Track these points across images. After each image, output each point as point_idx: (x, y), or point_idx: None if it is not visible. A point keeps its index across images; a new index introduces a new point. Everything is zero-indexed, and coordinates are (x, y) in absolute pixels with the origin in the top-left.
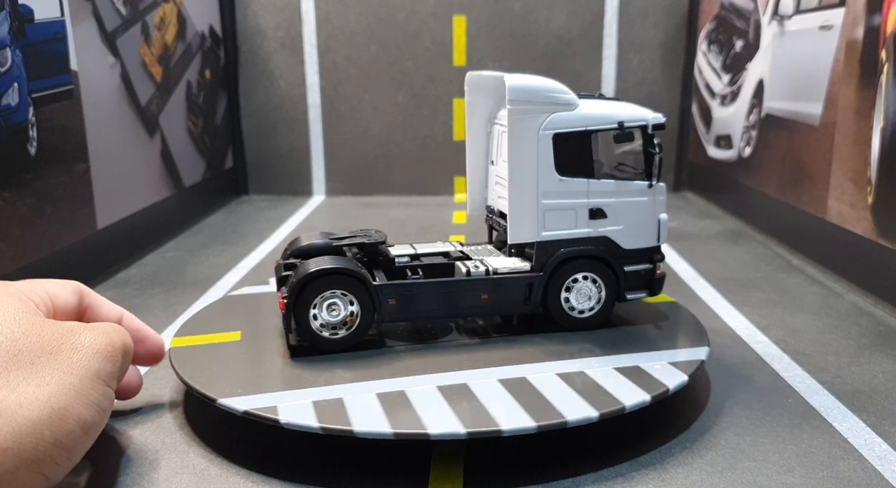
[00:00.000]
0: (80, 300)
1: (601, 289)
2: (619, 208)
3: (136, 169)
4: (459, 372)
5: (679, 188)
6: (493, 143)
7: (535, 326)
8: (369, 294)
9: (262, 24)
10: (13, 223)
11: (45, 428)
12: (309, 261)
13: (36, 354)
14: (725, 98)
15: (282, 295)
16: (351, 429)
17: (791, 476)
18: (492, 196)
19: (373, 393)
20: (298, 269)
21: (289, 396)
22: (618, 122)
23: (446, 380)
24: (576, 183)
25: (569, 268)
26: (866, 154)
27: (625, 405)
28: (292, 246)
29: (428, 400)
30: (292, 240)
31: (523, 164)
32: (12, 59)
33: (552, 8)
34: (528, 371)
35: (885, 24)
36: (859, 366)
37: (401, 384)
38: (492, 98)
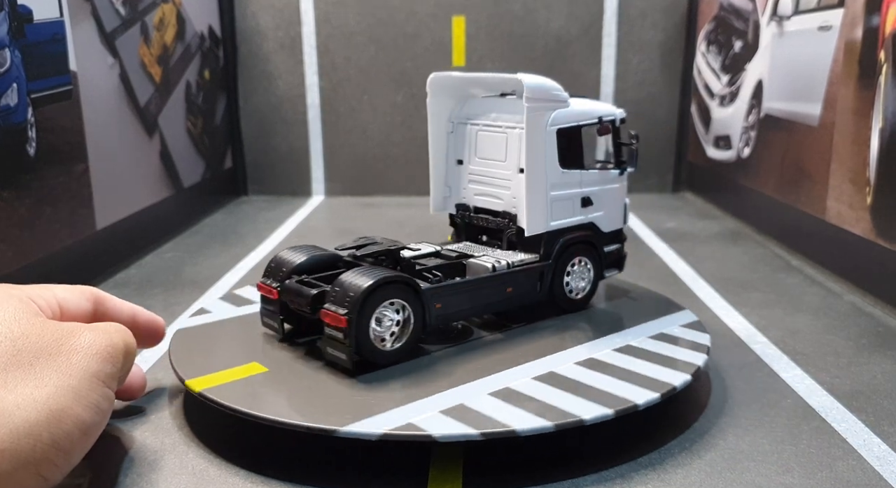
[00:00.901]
0: (94, 306)
1: (591, 271)
2: (601, 195)
3: (136, 169)
4: (538, 362)
5: (678, 188)
6: (466, 142)
7: (537, 314)
8: (420, 300)
9: (262, 24)
10: (12, 223)
11: (43, 430)
12: (354, 274)
13: (35, 355)
14: (724, 98)
15: (306, 310)
16: (513, 430)
17: (790, 476)
18: (467, 194)
19: (483, 393)
20: (347, 283)
21: (408, 412)
22: (598, 117)
23: (538, 371)
24: (573, 174)
25: (569, 254)
26: (865, 154)
27: (697, 367)
28: (284, 264)
29: (541, 392)
30: (276, 259)
31: (537, 159)
32: (11, 59)
33: (551, 8)
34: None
35: (884, 24)
36: (858, 367)
37: (502, 380)
38: (452, 98)
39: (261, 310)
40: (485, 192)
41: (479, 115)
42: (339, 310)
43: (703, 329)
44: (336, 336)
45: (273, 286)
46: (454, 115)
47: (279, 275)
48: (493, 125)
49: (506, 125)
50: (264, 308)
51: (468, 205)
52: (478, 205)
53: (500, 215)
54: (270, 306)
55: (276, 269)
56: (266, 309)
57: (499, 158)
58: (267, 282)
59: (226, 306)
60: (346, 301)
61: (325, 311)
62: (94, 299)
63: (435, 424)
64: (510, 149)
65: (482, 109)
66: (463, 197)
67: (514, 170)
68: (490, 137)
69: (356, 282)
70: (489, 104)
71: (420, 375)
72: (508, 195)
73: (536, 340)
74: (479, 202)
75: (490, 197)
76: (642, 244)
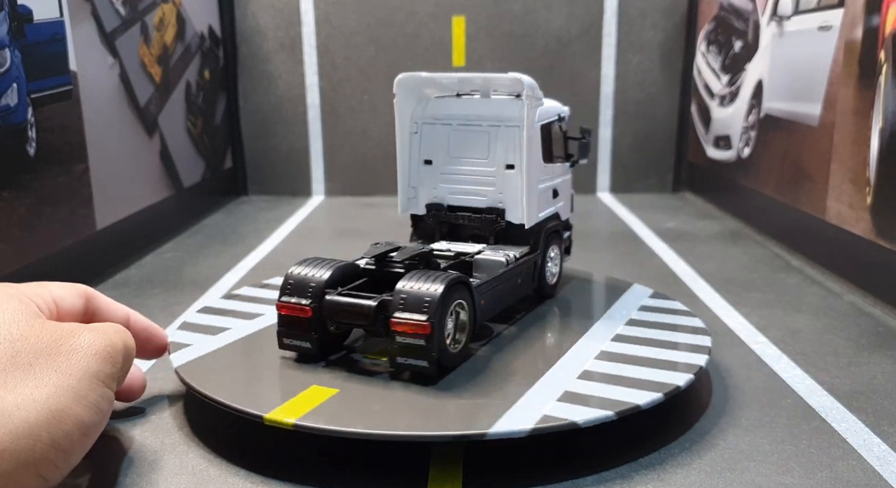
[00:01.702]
0: (86, 303)
1: (559, 256)
2: (562, 187)
3: (136, 169)
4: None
5: (678, 188)
6: (437, 142)
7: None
8: (473, 299)
9: (262, 24)
10: (12, 224)
11: (43, 430)
12: (417, 280)
13: (34, 355)
14: (724, 98)
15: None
16: (638, 405)
17: (790, 476)
18: (440, 193)
19: (561, 389)
20: (417, 289)
21: (528, 405)
22: (557, 114)
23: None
24: (550, 168)
25: (547, 243)
26: (865, 154)
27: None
28: (309, 280)
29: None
30: (294, 276)
31: (533, 154)
32: (11, 59)
33: (551, 8)
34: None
35: (884, 24)
36: (858, 367)
37: (560, 377)
38: (415, 97)
39: (281, 332)
40: (463, 191)
41: (451, 115)
42: (419, 317)
43: (665, 296)
44: (415, 344)
45: (304, 304)
46: (417, 116)
47: (307, 292)
48: (470, 124)
49: (486, 123)
50: (287, 329)
51: (442, 205)
52: (454, 204)
53: (485, 211)
54: (299, 326)
55: (300, 287)
56: (290, 330)
57: (479, 156)
58: (293, 301)
59: (209, 322)
60: (423, 307)
61: (398, 320)
62: (85, 296)
63: (567, 412)
64: (493, 147)
65: (453, 109)
66: (434, 197)
67: (500, 166)
68: (468, 136)
69: (428, 286)
70: (460, 104)
71: (483, 374)
72: (493, 191)
73: (551, 332)
74: (455, 201)
75: (470, 195)
76: (642, 244)
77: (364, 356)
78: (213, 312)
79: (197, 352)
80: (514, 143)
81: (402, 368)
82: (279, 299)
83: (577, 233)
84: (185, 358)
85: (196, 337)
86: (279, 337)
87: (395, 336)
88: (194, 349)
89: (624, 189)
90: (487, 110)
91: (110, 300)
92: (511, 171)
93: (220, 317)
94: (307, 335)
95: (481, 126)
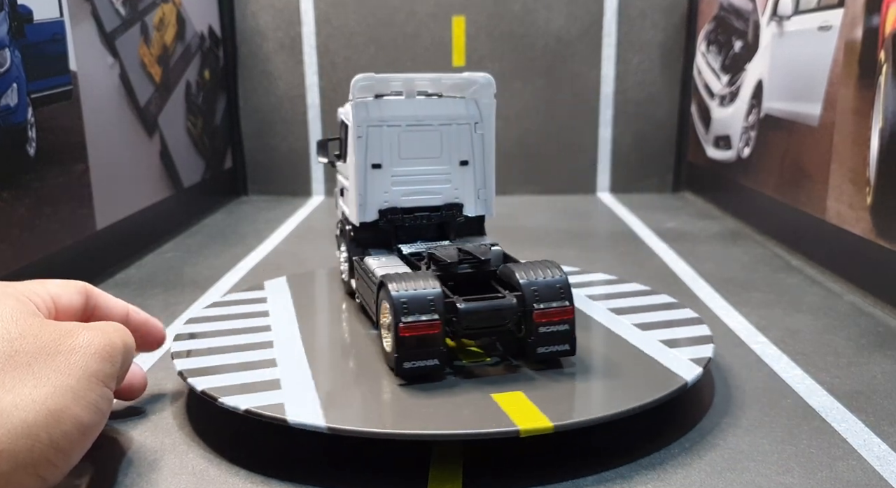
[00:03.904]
0: (86, 300)
1: None
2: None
3: (136, 169)
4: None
5: (678, 188)
6: (386, 145)
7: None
8: None
9: (262, 24)
10: (12, 224)
11: (42, 430)
12: (533, 270)
13: (33, 355)
14: (724, 98)
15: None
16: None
17: (790, 476)
18: (391, 197)
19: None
20: (544, 278)
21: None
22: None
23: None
24: None
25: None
26: (865, 154)
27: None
28: (425, 295)
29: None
30: (405, 296)
31: (492, 147)
32: (11, 59)
33: (551, 9)
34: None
35: (884, 24)
36: (858, 367)
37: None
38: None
39: (403, 357)
40: (417, 191)
41: (399, 117)
42: (563, 304)
43: (578, 269)
44: (559, 330)
45: (434, 319)
46: (361, 119)
47: (429, 307)
48: (421, 124)
49: (438, 123)
50: (412, 351)
51: (397, 208)
52: (409, 206)
53: (444, 208)
54: (426, 344)
55: (418, 304)
56: (416, 351)
57: (433, 155)
58: (422, 320)
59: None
60: (560, 293)
61: (543, 311)
62: (85, 293)
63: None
64: (446, 145)
65: (401, 110)
66: (386, 201)
67: (454, 163)
68: (419, 137)
69: (551, 273)
70: (407, 105)
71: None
72: (449, 188)
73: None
74: (409, 202)
75: (425, 195)
76: (642, 244)
77: (466, 360)
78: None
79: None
80: (467, 140)
81: (543, 357)
82: (401, 323)
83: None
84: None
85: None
86: (399, 363)
87: (538, 327)
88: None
89: (624, 189)
90: (437, 110)
91: (109, 296)
92: (465, 167)
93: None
94: (435, 351)
95: (432, 126)
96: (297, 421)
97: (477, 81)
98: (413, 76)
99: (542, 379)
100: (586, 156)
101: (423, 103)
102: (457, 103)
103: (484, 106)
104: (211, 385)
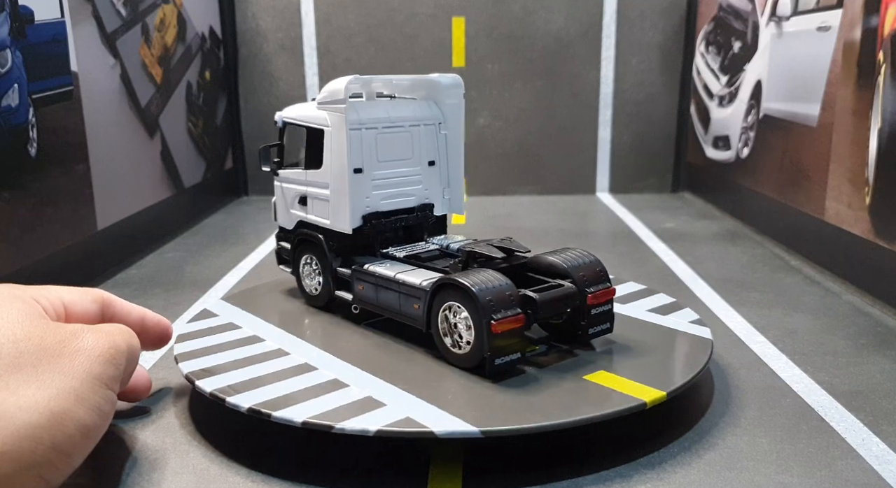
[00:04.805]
0: (101, 308)
1: None
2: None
3: (136, 170)
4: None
5: (677, 189)
6: (366, 148)
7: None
8: None
9: (262, 25)
10: (13, 224)
11: (44, 432)
12: (566, 257)
13: (37, 357)
14: (723, 99)
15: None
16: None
17: (789, 475)
18: (373, 202)
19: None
20: (582, 261)
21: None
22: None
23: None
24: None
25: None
26: (864, 155)
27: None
28: (504, 290)
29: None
30: (487, 291)
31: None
32: (12, 60)
33: (551, 10)
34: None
35: (883, 25)
36: (857, 366)
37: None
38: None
39: (496, 352)
40: (393, 194)
41: (377, 119)
42: (606, 285)
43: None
44: (605, 310)
45: (517, 313)
46: (353, 122)
47: (510, 302)
48: (394, 126)
49: (408, 124)
50: (504, 348)
51: (378, 212)
52: (388, 209)
53: (418, 209)
54: (512, 337)
55: (501, 300)
56: (506, 346)
57: (406, 157)
58: (508, 315)
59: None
60: (601, 275)
61: (594, 294)
62: (101, 302)
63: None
64: (417, 146)
65: (377, 112)
66: (368, 206)
67: (423, 164)
68: (393, 139)
69: (588, 258)
70: (382, 107)
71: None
72: (420, 189)
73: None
74: (388, 206)
75: (401, 197)
76: (641, 244)
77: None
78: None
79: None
80: (433, 141)
81: (593, 337)
82: (493, 321)
83: (577, 232)
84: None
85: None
86: (491, 361)
87: (590, 310)
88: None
89: (623, 189)
90: (408, 111)
91: (125, 302)
92: (433, 167)
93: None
94: (518, 345)
95: (403, 127)
96: (446, 431)
97: (440, 83)
98: (391, 77)
99: (603, 358)
100: (586, 156)
101: (396, 105)
102: (423, 104)
103: (448, 107)
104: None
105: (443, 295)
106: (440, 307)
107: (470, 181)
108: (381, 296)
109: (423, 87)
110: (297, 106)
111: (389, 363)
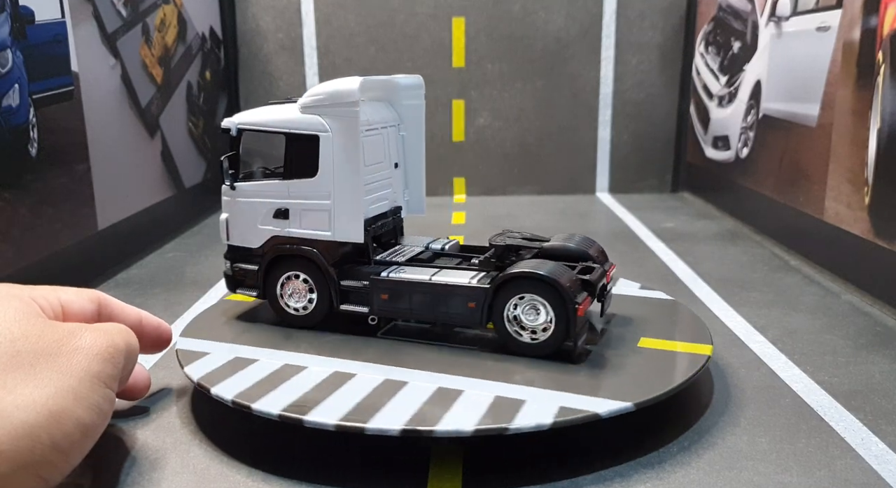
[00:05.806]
0: (99, 308)
1: None
2: None
3: (137, 169)
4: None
5: (677, 189)
6: (368, 149)
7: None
8: None
9: (262, 25)
10: (14, 224)
11: (43, 431)
12: (568, 238)
13: (35, 356)
14: (723, 99)
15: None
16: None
17: (788, 475)
18: (366, 205)
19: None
20: (589, 242)
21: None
22: None
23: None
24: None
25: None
26: (863, 155)
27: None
28: (571, 277)
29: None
30: (564, 278)
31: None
32: (13, 60)
33: (550, 10)
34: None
35: (882, 25)
36: (856, 366)
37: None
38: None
39: (580, 335)
40: (376, 198)
41: (366, 121)
42: (610, 264)
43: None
44: (610, 285)
45: (586, 297)
46: (374, 119)
47: (579, 287)
48: (373, 129)
49: (380, 126)
50: (582, 330)
51: (370, 217)
52: (375, 214)
53: (392, 212)
54: (586, 317)
55: (575, 285)
56: (582, 329)
57: (380, 160)
58: (584, 298)
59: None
60: (604, 255)
61: (608, 271)
62: (98, 302)
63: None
64: (388, 148)
65: (365, 115)
66: (375, 207)
67: (391, 166)
68: (374, 141)
69: (589, 240)
70: (366, 109)
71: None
72: (391, 192)
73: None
74: (374, 210)
75: (380, 200)
76: (641, 244)
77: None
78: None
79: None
80: (396, 143)
81: (606, 310)
82: (577, 304)
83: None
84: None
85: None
86: (576, 343)
87: (605, 285)
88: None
89: (623, 189)
90: (381, 114)
91: (122, 303)
92: (398, 169)
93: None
94: (587, 325)
95: (377, 130)
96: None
97: (398, 83)
98: (386, 78)
99: (629, 327)
100: (585, 156)
101: (374, 107)
102: (385, 106)
103: (407, 108)
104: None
105: (510, 288)
106: (506, 301)
107: (469, 181)
108: (416, 301)
109: (380, 88)
110: (254, 111)
111: (447, 364)
